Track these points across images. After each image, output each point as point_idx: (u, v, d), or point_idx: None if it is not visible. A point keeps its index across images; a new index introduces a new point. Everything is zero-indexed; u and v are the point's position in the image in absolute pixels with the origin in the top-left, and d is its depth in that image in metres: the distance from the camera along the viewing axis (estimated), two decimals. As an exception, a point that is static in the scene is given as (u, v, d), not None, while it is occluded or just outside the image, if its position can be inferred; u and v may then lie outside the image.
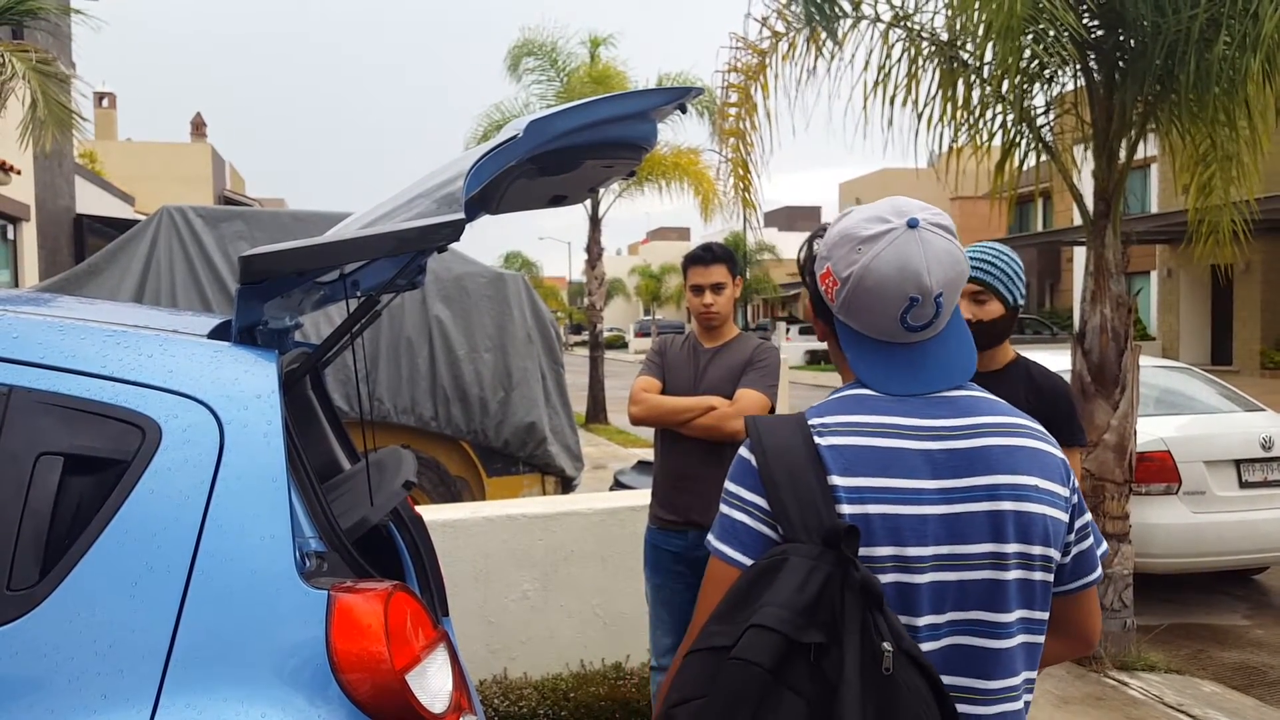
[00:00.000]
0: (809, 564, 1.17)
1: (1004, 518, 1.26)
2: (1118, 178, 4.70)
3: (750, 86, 5.20)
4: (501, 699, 3.77)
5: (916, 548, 1.24)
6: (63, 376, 1.58)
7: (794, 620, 1.13)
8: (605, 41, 16.84)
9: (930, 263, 1.28)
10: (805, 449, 1.27)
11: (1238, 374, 18.57)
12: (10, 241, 13.10)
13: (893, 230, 1.29)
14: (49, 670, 1.45)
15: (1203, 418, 6.17)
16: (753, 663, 1.11)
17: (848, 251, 1.31)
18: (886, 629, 1.15)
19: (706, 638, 1.20)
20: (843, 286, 1.32)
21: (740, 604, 1.19)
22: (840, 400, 1.34)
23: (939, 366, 1.34)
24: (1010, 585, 1.27)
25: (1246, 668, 4.99)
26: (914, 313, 1.30)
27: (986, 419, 1.32)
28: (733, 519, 1.30)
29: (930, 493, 1.25)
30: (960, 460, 1.27)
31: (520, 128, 1.90)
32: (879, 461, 1.26)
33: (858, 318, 1.33)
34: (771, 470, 1.26)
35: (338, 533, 1.73)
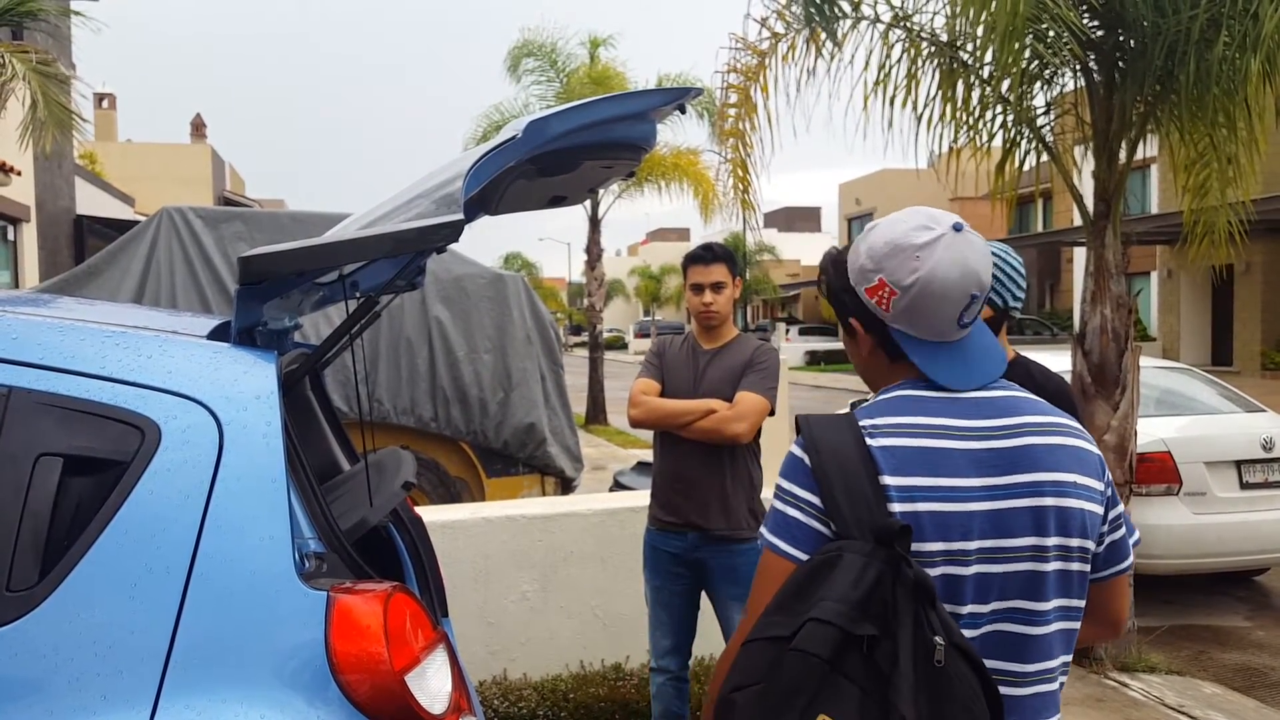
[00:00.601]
0: (862, 560, 1.22)
1: (1045, 513, 1.33)
2: (1118, 178, 4.70)
3: (750, 87, 5.20)
4: (501, 700, 3.77)
5: (962, 542, 1.30)
6: (62, 377, 1.58)
7: (849, 614, 1.19)
8: (605, 42, 16.85)
9: (981, 260, 1.38)
10: (857, 449, 1.32)
11: (1238, 375, 18.57)
12: (10, 242, 13.10)
13: (944, 236, 1.36)
14: (48, 671, 1.45)
15: (1203, 418, 6.17)
16: (812, 654, 1.17)
17: (905, 260, 1.36)
18: (938, 623, 1.21)
19: (764, 628, 1.25)
20: (903, 295, 1.37)
21: (797, 597, 1.25)
22: (890, 402, 1.39)
23: (987, 356, 1.42)
24: (1050, 576, 1.34)
25: (1248, 669, 4.99)
26: (970, 310, 1.38)
27: (1028, 418, 1.39)
28: (786, 515, 1.35)
29: (976, 490, 1.32)
30: (1004, 459, 1.34)
31: (519, 128, 1.90)
32: (928, 461, 1.32)
33: (920, 321, 1.38)
34: (825, 468, 1.32)
35: (337, 534, 1.73)
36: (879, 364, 1.48)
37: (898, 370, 1.44)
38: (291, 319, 2.41)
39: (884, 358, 1.46)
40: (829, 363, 33.56)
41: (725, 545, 3.17)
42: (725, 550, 3.17)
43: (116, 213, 17.89)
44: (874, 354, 1.47)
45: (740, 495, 3.18)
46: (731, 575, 3.19)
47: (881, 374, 1.48)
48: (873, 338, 1.45)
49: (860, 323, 1.46)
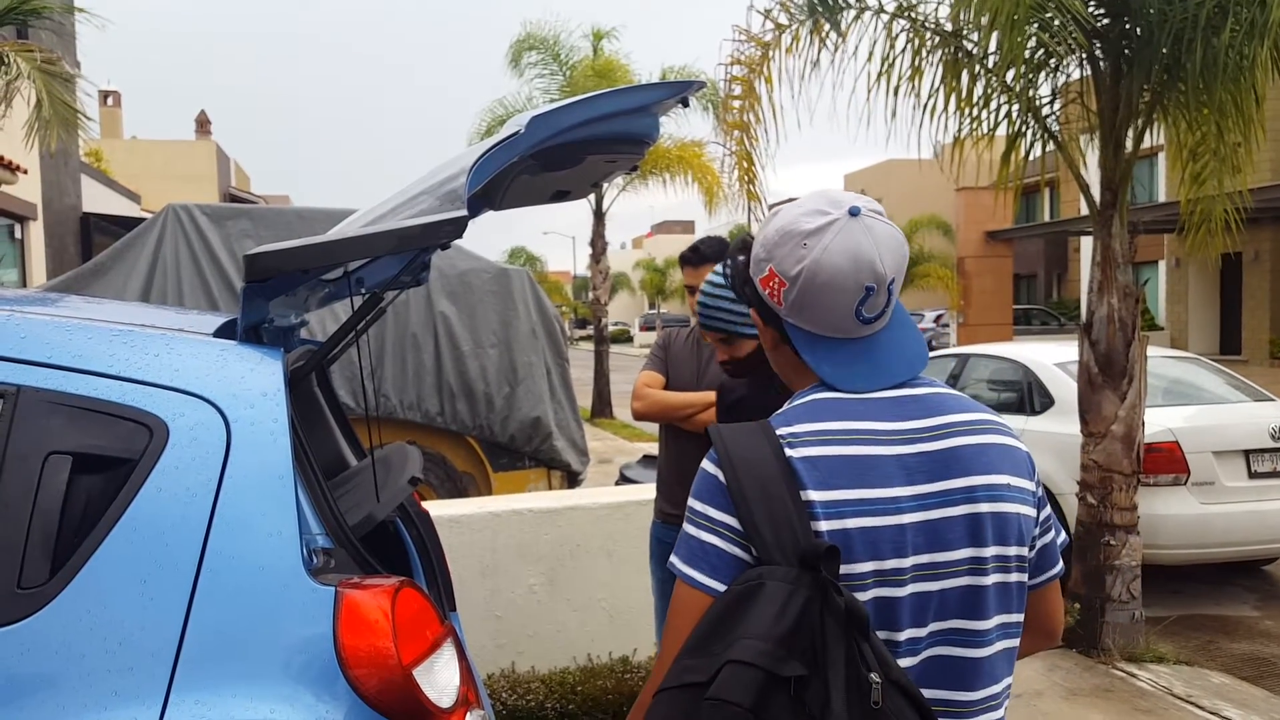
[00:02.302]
0: (786, 588, 1.10)
1: (982, 520, 1.22)
2: (1124, 167, 4.68)
3: (753, 79, 5.19)
4: (509, 693, 3.78)
5: (896, 559, 1.17)
6: (70, 376, 1.59)
7: (773, 652, 1.06)
8: (608, 35, 16.82)
9: (881, 249, 1.24)
10: (776, 461, 1.18)
11: (1246, 364, 18.51)
12: (17, 241, 13.14)
13: (836, 221, 1.24)
14: (59, 668, 1.46)
15: (1211, 408, 6.15)
16: (732, 703, 1.04)
17: (793, 248, 1.25)
18: (873, 657, 1.09)
19: (678, 674, 1.12)
20: (791, 286, 1.25)
21: (713, 635, 1.11)
22: (806, 407, 1.25)
23: (898, 356, 1.29)
24: (990, 590, 1.22)
25: (1256, 659, 4.98)
26: (869, 303, 1.25)
27: (955, 417, 1.26)
28: (701, 540, 1.20)
29: (906, 500, 1.19)
30: (934, 463, 1.22)
31: (522, 123, 1.90)
32: (854, 471, 1.19)
33: (810, 315, 1.27)
34: (742, 486, 1.18)
35: (344, 529, 1.74)
36: (786, 360, 1.35)
37: (807, 368, 1.31)
38: (297, 316, 2.42)
39: (790, 353, 1.33)
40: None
41: None
42: None
43: (122, 210, 17.93)
44: (779, 350, 1.35)
45: None
46: None
47: (793, 372, 1.35)
48: (773, 331, 1.33)
49: (760, 316, 1.34)
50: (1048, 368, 6.49)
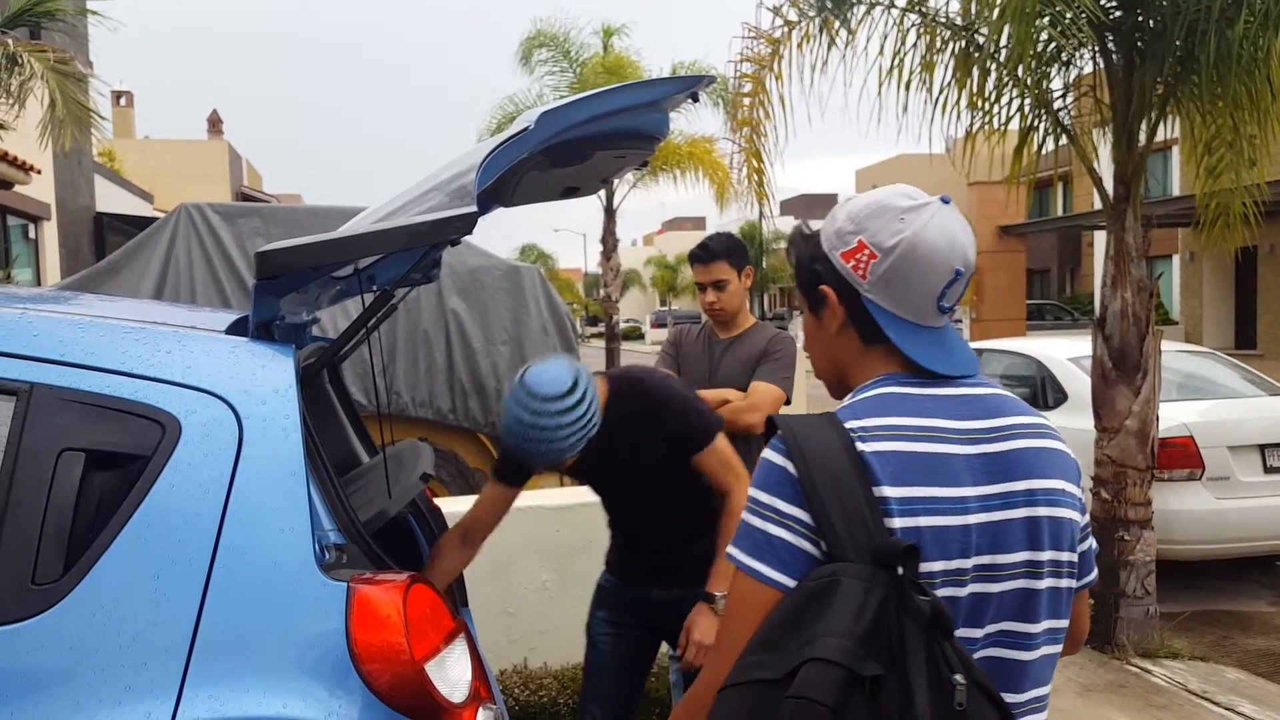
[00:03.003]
0: (863, 586, 1.07)
1: (1040, 524, 1.21)
2: (1137, 160, 4.65)
3: (764, 76, 5.18)
4: (522, 688, 3.79)
5: (960, 559, 1.16)
6: (83, 373, 1.60)
7: (855, 651, 1.03)
8: (618, 31, 16.82)
9: (968, 239, 1.25)
10: (847, 455, 1.15)
11: (1262, 358, 18.37)
12: (32, 240, 13.23)
13: (931, 204, 1.25)
14: (74, 663, 1.47)
15: (1226, 403, 6.11)
16: (817, 701, 1.01)
17: (890, 220, 1.23)
18: (955, 658, 1.07)
19: (745, 670, 1.09)
20: (884, 258, 1.23)
21: (785, 632, 1.08)
22: (874, 400, 1.23)
23: (962, 351, 1.28)
24: (1043, 594, 1.22)
25: (1272, 654, 4.95)
26: (951, 290, 1.24)
27: (1015, 419, 1.25)
28: (768, 533, 1.17)
29: (973, 500, 1.18)
30: (997, 465, 1.21)
31: (532, 119, 1.90)
32: (926, 469, 1.17)
33: (896, 292, 1.24)
34: (814, 479, 1.14)
35: (356, 525, 1.74)
36: (847, 347, 1.31)
37: (870, 357, 1.29)
38: (309, 313, 2.43)
39: (855, 339, 1.29)
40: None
41: None
42: None
43: (136, 209, 18.05)
44: (843, 334, 1.30)
45: None
46: None
47: (850, 360, 1.32)
48: (844, 311, 1.29)
49: (833, 289, 1.29)
50: (1061, 363, 6.45)
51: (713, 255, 3.18)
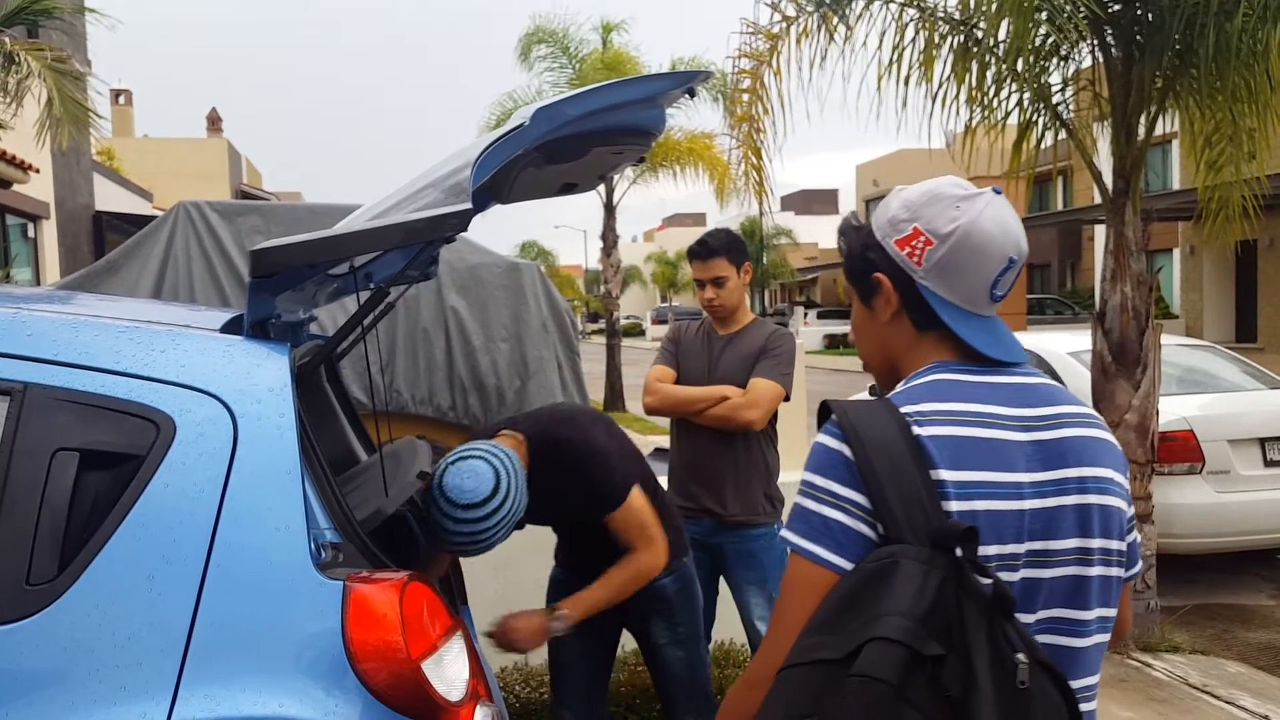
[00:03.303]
0: (922, 568, 1.09)
1: (1090, 512, 1.23)
2: (1136, 154, 4.64)
3: (762, 72, 5.16)
4: (523, 685, 3.79)
5: (1014, 544, 1.18)
6: (77, 373, 1.60)
7: (916, 631, 1.05)
8: (617, 27, 16.77)
9: (1020, 229, 1.27)
10: (903, 439, 1.17)
11: (1262, 351, 18.36)
12: (31, 239, 13.23)
13: (984, 194, 1.27)
14: (69, 663, 1.47)
15: (1226, 396, 6.10)
16: (880, 680, 1.03)
17: (945, 208, 1.26)
18: (1018, 639, 1.09)
19: (806, 650, 1.11)
20: (940, 244, 1.25)
21: (845, 613, 1.10)
22: (929, 386, 1.25)
23: (1012, 339, 1.31)
24: (1094, 581, 1.23)
25: (1272, 648, 4.95)
26: (1004, 278, 1.27)
27: (1065, 408, 1.27)
28: (824, 516, 1.18)
29: (1027, 486, 1.19)
30: (1049, 452, 1.22)
31: (527, 116, 1.89)
32: (982, 453, 1.18)
33: (951, 279, 1.26)
34: (872, 462, 1.16)
35: (352, 524, 1.74)
36: (900, 335, 1.32)
37: (923, 344, 1.30)
38: (305, 311, 2.42)
39: (908, 326, 1.31)
40: (848, 347, 33.45)
41: (741, 531, 3.17)
42: (741, 536, 3.17)
43: (135, 208, 18.03)
44: (896, 321, 1.32)
45: (756, 481, 3.18)
46: (748, 560, 3.19)
47: (902, 348, 1.33)
48: (899, 298, 1.30)
49: (888, 277, 1.30)
50: (1061, 357, 6.45)
51: (711, 252, 3.18)
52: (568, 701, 2.78)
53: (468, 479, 2.12)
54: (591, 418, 2.59)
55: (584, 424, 2.51)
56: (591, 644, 2.78)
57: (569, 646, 2.76)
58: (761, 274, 36.75)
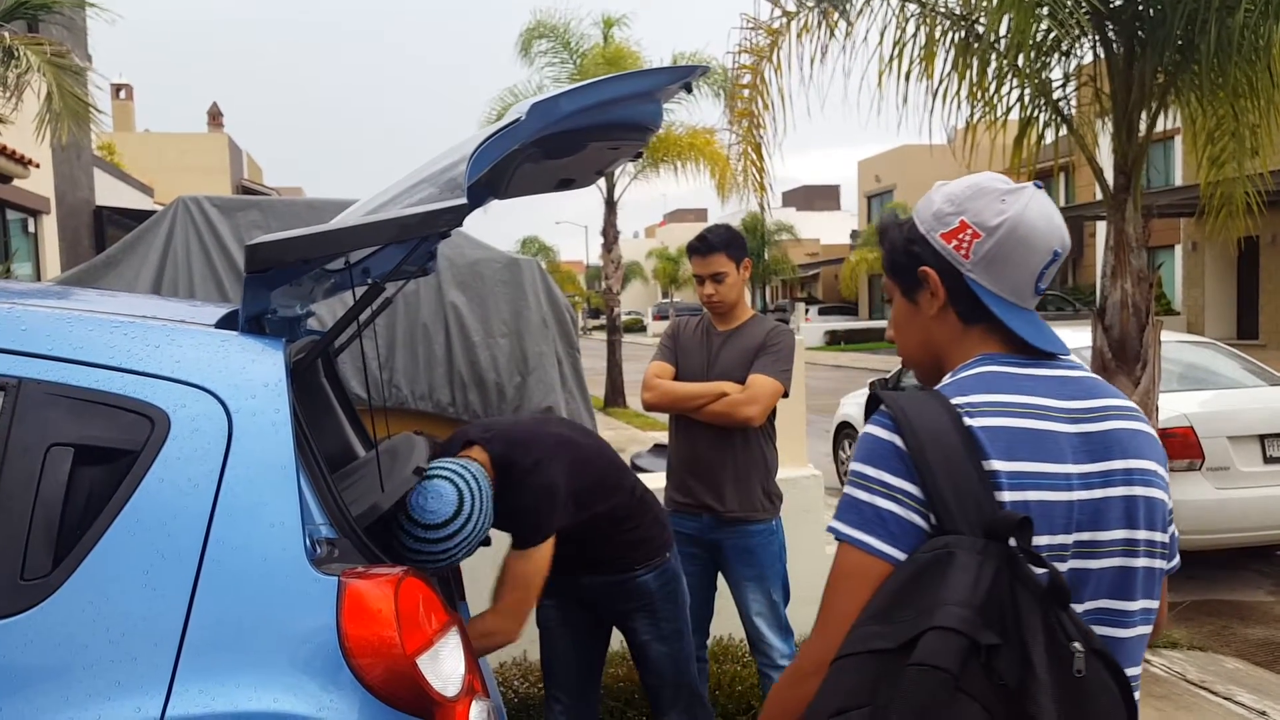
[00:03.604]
0: (977, 558, 1.09)
1: (1136, 503, 1.23)
2: (1137, 151, 4.63)
3: (763, 68, 5.15)
4: (521, 680, 3.79)
5: (1063, 535, 1.19)
6: (71, 368, 1.59)
7: (974, 620, 1.06)
8: (618, 22, 16.73)
9: (1062, 222, 1.29)
10: (956, 430, 1.18)
11: (1264, 348, 18.34)
12: (31, 234, 13.23)
13: (1028, 188, 1.29)
14: (63, 659, 1.47)
15: (1227, 393, 6.10)
16: (941, 669, 1.03)
17: (992, 201, 1.27)
18: (1073, 627, 1.10)
19: (862, 640, 1.11)
20: (988, 237, 1.27)
21: (900, 603, 1.11)
22: (978, 378, 1.26)
23: (1053, 334, 1.32)
24: (1139, 573, 1.24)
25: (1271, 644, 4.95)
26: (1049, 271, 1.28)
27: (1110, 400, 1.28)
28: (876, 506, 1.19)
29: (1075, 477, 1.20)
30: (1096, 444, 1.23)
31: (523, 111, 1.89)
32: (1033, 444, 1.19)
33: (999, 272, 1.28)
34: (926, 453, 1.16)
35: (348, 519, 1.74)
36: (946, 329, 1.33)
37: (969, 337, 1.31)
38: (302, 306, 2.42)
39: (953, 320, 1.32)
40: (849, 342, 33.44)
41: (739, 527, 3.17)
42: (739, 532, 3.17)
43: (136, 203, 18.02)
44: (942, 315, 1.33)
45: (754, 477, 3.17)
46: (746, 557, 3.19)
47: (948, 341, 1.34)
48: (945, 291, 1.31)
49: (936, 271, 1.31)
50: (1061, 353, 6.43)
51: (711, 248, 3.17)
52: (559, 695, 2.80)
53: (431, 500, 2.11)
54: (553, 446, 2.46)
55: (542, 453, 2.42)
56: (581, 639, 2.80)
57: (560, 641, 2.79)
58: (763, 270, 36.69)
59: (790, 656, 3.22)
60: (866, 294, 38.27)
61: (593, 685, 2.87)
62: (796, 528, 4.01)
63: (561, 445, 2.49)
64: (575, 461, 2.50)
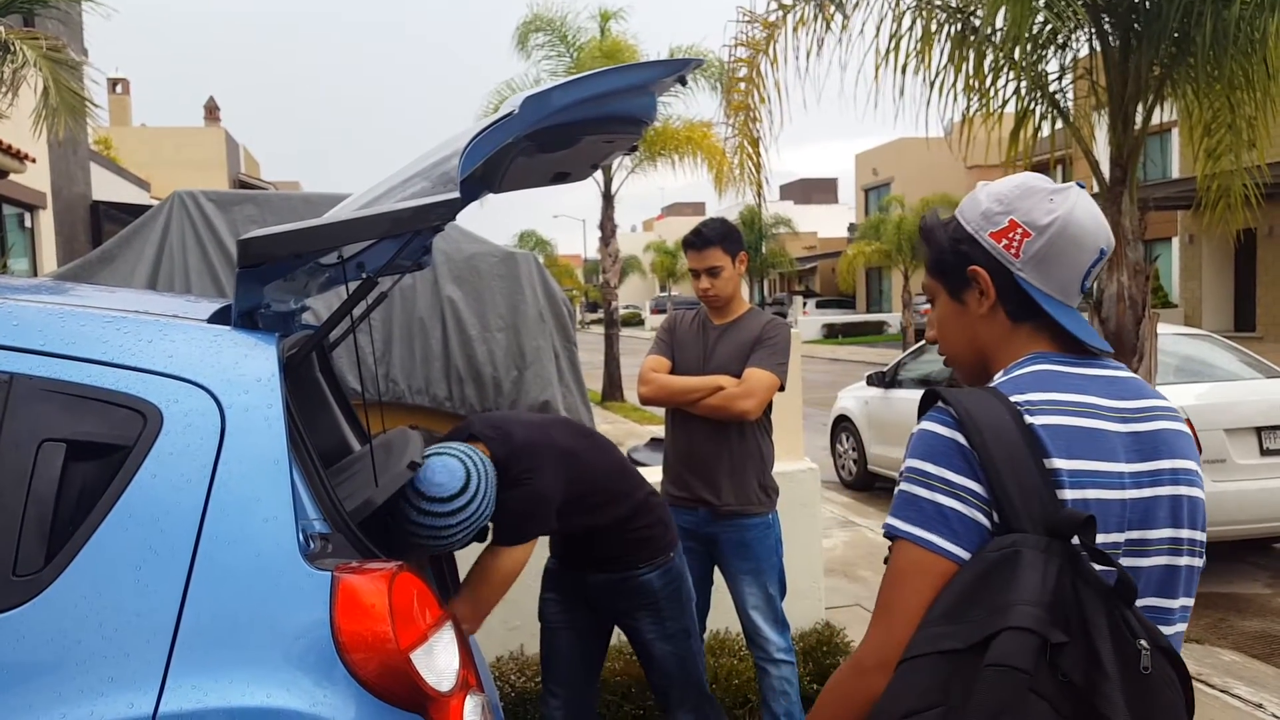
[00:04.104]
0: (1042, 557, 1.10)
1: (1180, 503, 1.25)
2: (1133, 143, 4.62)
3: (759, 61, 5.14)
4: (518, 675, 3.80)
5: (1116, 533, 1.20)
6: (64, 363, 1.59)
7: (1045, 619, 1.06)
8: (615, 15, 16.70)
9: (1106, 221, 1.31)
10: (1018, 428, 1.18)
11: (1261, 340, 18.35)
12: (28, 229, 13.20)
13: (1072, 188, 1.30)
14: (56, 655, 1.47)
15: (1223, 385, 6.10)
16: (1020, 669, 1.04)
17: (1040, 200, 1.29)
18: (1138, 624, 1.11)
19: (932, 640, 1.11)
20: (1039, 235, 1.28)
21: (969, 602, 1.11)
22: (1034, 376, 1.27)
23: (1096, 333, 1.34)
24: (1181, 571, 1.26)
25: (1267, 636, 4.96)
26: (1095, 269, 1.30)
27: (1155, 401, 1.30)
28: (938, 504, 1.18)
29: (1128, 476, 1.22)
30: (1145, 443, 1.25)
31: (516, 104, 1.88)
32: (1091, 443, 1.20)
33: (1049, 270, 1.29)
34: (990, 451, 1.16)
35: (341, 514, 1.73)
36: (995, 328, 1.34)
37: (1018, 336, 1.32)
38: (296, 301, 2.42)
39: (1003, 318, 1.32)
40: (846, 335, 33.45)
41: (735, 520, 3.17)
42: (736, 525, 3.17)
43: (132, 198, 17.98)
44: (991, 314, 1.33)
45: (750, 471, 3.17)
46: (742, 550, 3.19)
47: (997, 340, 1.34)
48: (996, 290, 1.32)
49: (986, 270, 1.32)
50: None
51: (706, 241, 3.17)
52: (556, 690, 2.80)
53: (439, 474, 2.13)
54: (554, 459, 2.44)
55: (541, 464, 2.41)
56: (584, 636, 2.81)
57: (561, 636, 2.80)
58: (760, 263, 36.66)
59: (787, 650, 3.23)
60: (864, 287, 38.27)
61: (591, 681, 2.88)
62: (794, 521, 4.01)
63: (563, 458, 2.47)
64: (576, 474, 2.50)
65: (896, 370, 8.60)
